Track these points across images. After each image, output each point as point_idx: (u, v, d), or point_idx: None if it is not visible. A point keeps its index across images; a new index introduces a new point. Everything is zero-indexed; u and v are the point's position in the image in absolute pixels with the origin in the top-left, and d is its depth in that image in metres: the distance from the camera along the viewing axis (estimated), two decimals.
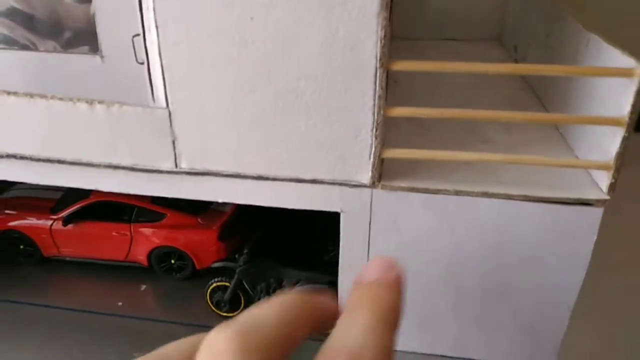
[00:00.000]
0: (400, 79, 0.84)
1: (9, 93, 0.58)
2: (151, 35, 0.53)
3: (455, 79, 0.86)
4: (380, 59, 0.48)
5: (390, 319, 0.25)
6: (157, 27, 0.51)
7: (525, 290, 0.59)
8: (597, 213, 0.53)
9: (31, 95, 0.58)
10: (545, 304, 0.59)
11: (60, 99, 0.57)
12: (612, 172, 0.51)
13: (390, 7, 0.48)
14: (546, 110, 0.71)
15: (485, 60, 0.93)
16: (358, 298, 0.27)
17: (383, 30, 0.46)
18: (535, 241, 0.55)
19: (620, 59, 0.49)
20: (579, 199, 0.52)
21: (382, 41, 0.47)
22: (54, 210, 0.77)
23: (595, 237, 0.54)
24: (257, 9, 0.47)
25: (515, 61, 0.90)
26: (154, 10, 0.51)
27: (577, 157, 0.59)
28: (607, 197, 0.52)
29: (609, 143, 0.51)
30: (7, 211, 0.78)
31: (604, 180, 0.52)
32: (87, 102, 0.57)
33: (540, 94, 0.75)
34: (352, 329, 0.24)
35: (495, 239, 0.56)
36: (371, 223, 0.58)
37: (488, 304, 0.61)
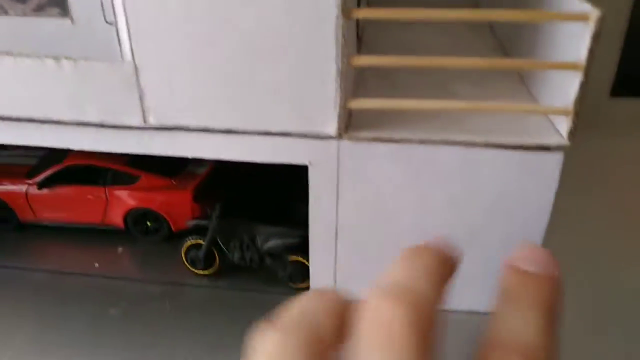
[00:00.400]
0: (371, 43, 0.85)
1: None
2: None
3: (429, 41, 0.86)
4: (340, 6, 0.48)
5: (558, 320, 0.25)
6: (124, 6, 0.51)
7: (490, 239, 0.60)
8: (557, 158, 0.54)
9: None
10: (509, 251, 0.60)
11: (27, 56, 0.57)
12: (571, 116, 0.52)
13: None
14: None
15: (458, 26, 0.95)
16: (521, 288, 0.26)
17: None
18: (498, 188, 0.56)
19: (578, 4, 0.50)
20: (539, 144, 0.53)
21: None
22: (30, 175, 0.78)
23: (556, 183, 0.55)
24: None
25: (490, 25, 0.91)
26: None
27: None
28: (567, 143, 0.53)
29: (568, 89, 0.52)
30: None
31: (563, 126, 0.54)
32: (54, 58, 0.57)
33: (511, 52, 0.76)
34: (523, 324, 0.23)
35: (459, 187, 0.57)
36: (339, 175, 0.58)
37: None
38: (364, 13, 0.50)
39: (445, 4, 1.09)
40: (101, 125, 0.60)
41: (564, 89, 0.53)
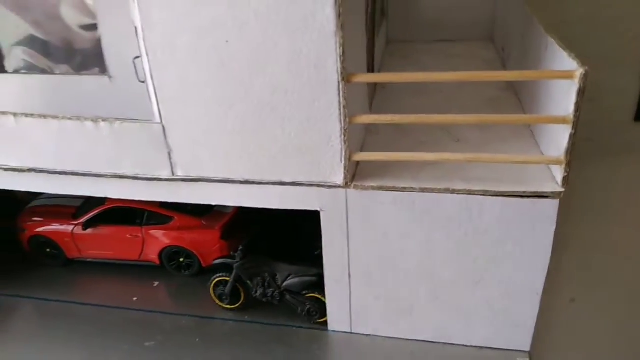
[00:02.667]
0: (388, 84, 0.89)
1: (26, 115, 0.66)
2: (145, 61, 0.60)
3: (443, 87, 0.90)
4: (341, 74, 0.53)
5: None
6: (146, 52, 0.58)
7: (495, 279, 0.63)
8: (553, 204, 0.57)
9: (44, 116, 0.66)
10: (515, 290, 0.63)
11: (70, 118, 0.65)
12: (563, 166, 0.55)
13: (376, 12, 0.52)
14: (523, 108, 0.74)
15: (472, 58, 0.98)
16: None
17: (341, 48, 0.52)
18: (498, 233, 0.59)
19: (567, 62, 0.54)
20: (535, 192, 0.57)
21: (342, 57, 0.52)
22: (75, 216, 0.85)
23: (554, 227, 0.58)
24: (230, 33, 0.53)
25: (502, 61, 0.94)
26: (143, 37, 0.58)
27: (542, 152, 0.63)
28: (562, 190, 0.56)
29: (561, 140, 0.55)
30: (34, 218, 0.87)
31: (559, 174, 0.56)
32: (92, 120, 0.64)
33: (519, 93, 0.79)
34: None
35: (461, 232, 0.60)
36: (348, 220, 0.63)
37: (463, 292, 0.65)
38: (364, 78, 0.55)
39: (462, 36, 1.12)
40: (135, 178, 0.66)
41: (558, 139, 0.56)
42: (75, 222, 0.84)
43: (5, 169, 0.69)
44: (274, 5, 0.51)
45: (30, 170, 0.69)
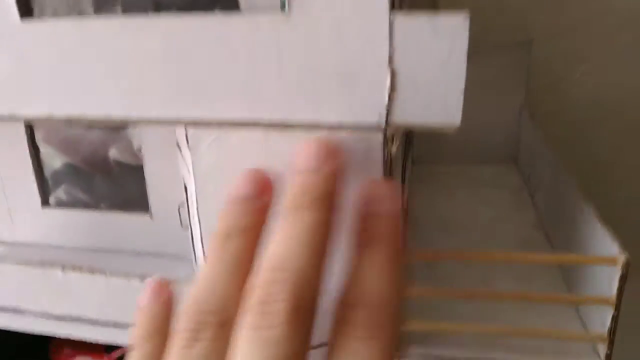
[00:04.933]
0: (417, 214, 0.91)
1: (74, 268, 0.68)
2: (193, 209, 0.62)
3: (473, 215, 0.91)
4: None
5: (401, 256, 0.29)
6: (198, 217, 0.60)
7: None
8: None
9: (92, 271, 0.67)
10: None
11: (116, 275, 0.66)
12: (606, 344, 0.55)
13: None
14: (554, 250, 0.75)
15: (499, 187, 0.99)
16: (368, 235, 0.29)
17: None
18: None
19: (608, 244, 0.55)
20: None
21: None
22: (108, 350, 0.86)
23: None
24: None
25: (529, 190, 0.96)
26: (196, 205, 0.60)
27: (580, 317, 0.63)
28: None
29: (604, 318, 0.56)
30: (65, 350, 0.87)
31: (602, 350, 0.57)
32: (139, 277, 0.66)
33: (551, 235, 0.80)
34: (372, 274, 0.27)
35: None
36: None
37: None
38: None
39: (485, 158, 1.13)
40: None
41: (601, 316, 0.56)
42: (108, 357, 0.85)
43: (48, 318, 0.71)
44: None
45: (72, 319, 0.70)
